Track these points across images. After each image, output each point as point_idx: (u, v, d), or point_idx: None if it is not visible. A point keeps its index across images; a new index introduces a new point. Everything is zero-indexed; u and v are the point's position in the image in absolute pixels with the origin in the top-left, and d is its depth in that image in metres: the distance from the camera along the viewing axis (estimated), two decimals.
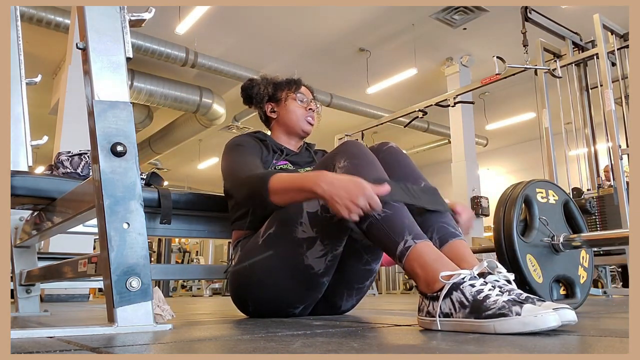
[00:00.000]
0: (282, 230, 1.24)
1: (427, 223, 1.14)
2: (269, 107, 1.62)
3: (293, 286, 1.26)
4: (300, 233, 1.21)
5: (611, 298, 3.03)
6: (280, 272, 1.25)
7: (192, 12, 6.24)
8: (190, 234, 1.75)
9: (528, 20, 3.55)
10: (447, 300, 0.87)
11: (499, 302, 0.81)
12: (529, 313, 0.77)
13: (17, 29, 1.80)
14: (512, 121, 10.00)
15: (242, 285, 1.33)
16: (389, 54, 7.58)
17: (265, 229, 1.28)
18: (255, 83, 1.63)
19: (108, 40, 0.99)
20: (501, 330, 0.78)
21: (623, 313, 1.36)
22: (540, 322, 0.76)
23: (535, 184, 1.52)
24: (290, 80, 1.64)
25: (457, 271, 0.89)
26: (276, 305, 1.31)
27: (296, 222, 1.21)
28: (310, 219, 1.20)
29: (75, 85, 5.23)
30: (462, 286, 0.86)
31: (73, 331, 0.85)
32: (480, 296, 0.84)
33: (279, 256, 1.24)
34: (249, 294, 1.32)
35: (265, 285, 1.27)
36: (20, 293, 1.72)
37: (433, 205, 1.16)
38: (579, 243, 1.47)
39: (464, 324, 0.84)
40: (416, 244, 0.96)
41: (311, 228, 1.20)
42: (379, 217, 1.01)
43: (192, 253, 10.62)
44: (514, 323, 0.77)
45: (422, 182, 1.23)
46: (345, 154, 1.15)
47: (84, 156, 1.60)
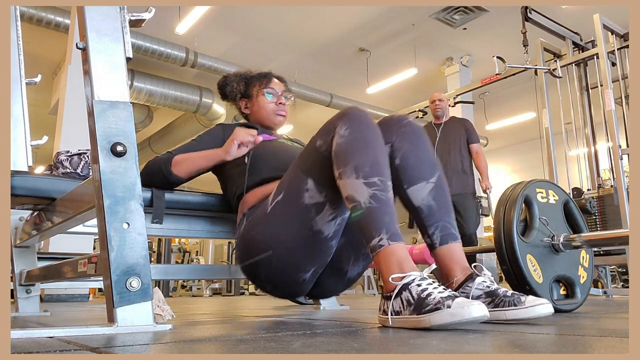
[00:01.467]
0: (289, 197, 1.22)
1: (432, 218, 1.14)
2: (242, 104, 1.71)
3: (303, 251, 1.25)
4: (307, 199, 1.18)
5: (611, 298, 3.03)
6: (290, 238, 1.23)
7: (192, 12, 6.24)
8: (190, 234, 1.75)
9: (528, 20, 3.56)
10: (398, 299, 0.93)
11: (437, 298, 0.87)
12: (457, 305, 0.83)
13: (17, 29, 1.80)
14: (512, 121, 10.00)
15: (253, 253, 1.29)
16: (389, 54, 7.58)
17: (274, 197, 1.26)
18: (228, 80, 1.70)
19: (108, 40, 0.99)
20: (434, 323, 0.84)
21: (623, 313, 1.36)
22: (466, 313, 0.82)
23: (535, 184, 1.52)
24: (260, 74, 1.71)
25: (407, 273, 0.94)
26: (287, 270, 1.28)
27: (302, 189, 1.19)
28: (316, 186, 1.17)
29: (75, 85, 5.23)
30: (410, 286, 0.92)
31: (73, 331, 0.85)
32: (423, 294, 0.89)
33: (288, 223, 1.22)
34: (260, 261, 1.29)
35: (276, 251, 1.25)
36: (20, 293, 1.72)
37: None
38: (579, 243, 1.47)
39: (409, 319, 0.90)
40: (389, 245, 0.98)
41: (319, 193, 1.17)
42: (364, 207, 1.01)
43: (192, 253, 10.62)
44: (444, 315, 0.84)
45: (436, 172, 1.19)
46: (350, 123, 1.10)
47: (84, 156, 1.60)
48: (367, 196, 1.01)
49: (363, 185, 1.02)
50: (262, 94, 1.66)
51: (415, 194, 1.17)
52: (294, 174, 1.22)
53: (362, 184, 1.02)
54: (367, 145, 1.07)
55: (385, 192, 1.03)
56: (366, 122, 1.11)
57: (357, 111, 1.13)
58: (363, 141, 1.08)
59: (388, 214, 1.01)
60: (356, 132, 1.08)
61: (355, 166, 1.04)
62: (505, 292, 1.02)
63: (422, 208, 1.16)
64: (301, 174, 1.20)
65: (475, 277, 1.06)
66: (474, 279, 1.06)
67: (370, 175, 1.03)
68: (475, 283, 1.05)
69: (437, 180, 1.18)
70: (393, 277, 0.94)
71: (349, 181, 1.04)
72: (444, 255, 1.13)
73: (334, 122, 1.14)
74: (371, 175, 1.03)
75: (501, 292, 1.02)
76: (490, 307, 1.01)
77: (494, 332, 0.84)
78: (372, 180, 1.02)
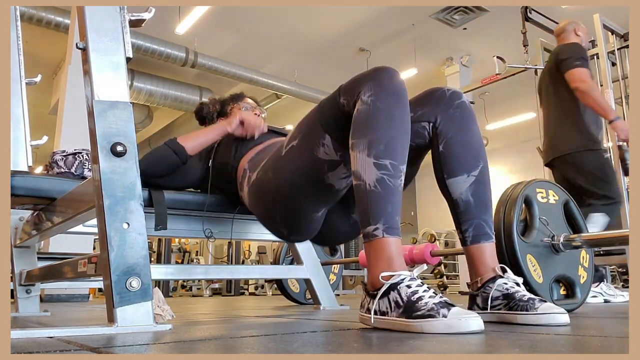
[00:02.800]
0: (304, 145, 1.17)
1: (468, 215, 1.10)
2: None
3: (313, 196, 1.23)
4: (322, 154, 1.14)
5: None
6: (301, 184, 1.21)
7: (192, 12, 6.24)
8: (190, 234, 1.75)
9: (528, 20, 3.56)
10: (385, 299, 0.89)
11: (429, 304, 0.83)
12: (454, 316, 0.81)
13: (17, 29, 1.80)
14: (512, 121, 10.00)
15: (268, 196, 1.29)
16: (389, 54, 7.58)
17: (289, 140, 1.22)
18: (204, 105, 1.86)
19: (108, 40, 0.99)
20: (427, 331, 0.81)
21: (623, 313, 1.36)
22: (464, 325, 0.80)
23: (535, 183, 1.52)
24: (234, 95, 1.85)
25: (397, 272, 0.90)
26: (299, 211, 1.27)
27: (318, 143, 1.14)
28: (334, 144, 1.12)
29: (75, 85, 5.23)
30: (399, 287, 0.88)
31: (73, 331, 0.85)
32: (414, 297, 0.86)
33: (300, 171, 1.20)
34: (274, 203, 1.28)
35: (289, 193, 1.23)
36: (20, 293, 1.72)
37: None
38: (579, 243, 1.47)
39: (396, 322, 0.87)
40: (383, 237, 0.93)
41: (335, 152, 1.13)
42: (368, 190, 0.95)
43: (192, 253, 10.61)
44: (438, 324, 0.81)
45: (479, 164, 1.12)
46: (376, 90, 1.00)
47: (78, 155, 1.60)
48: (374, 179, 0.94)
49: (373, 165, 0.95)
50: (237, 108, 1.77)
51: (455, 186, 1.11)
52: (312, 123, 1.16)
53: (372, 164, 0.95)
54: (388, 119, 0.98)
55: (395, 178, 0.95)
56: (393, 89, 1.00)
57: (386, 75, 1.02)
58: (384, 113, 0.98)
59: (391, 203, 0.94)
60: (379, 100, 0.99)
61: (369, 141, 0.97)
62: (522, 295, 1.00)
63: (459, 202, 1.11)
64: (319, 128, 1.13)
65: (497, 278, 1.05)
66: (495, 280, 1.04)
67: (383, 156, 0.95)
68: (495, 284, 1.03)
69: (480, 173, 1.11)
70: (383, 275, 0.90)
71: (359, 156, 0.97)
72: (472, 254, 1.10)
73: (360, 82, 1.03)
74: (384, 157, 0.95)
75: (518, 296, 1.00)
76: (506, 309, 1.00)
77: (494, 332, 0.84)
78: (384, 162, 0.95)
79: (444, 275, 8.06)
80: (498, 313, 1.03)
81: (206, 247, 10.65)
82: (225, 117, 1.78)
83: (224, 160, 1.57)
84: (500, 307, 1.02)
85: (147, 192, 1.51)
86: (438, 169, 1.13)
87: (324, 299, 2.04)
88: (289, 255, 2.89)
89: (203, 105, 1.86)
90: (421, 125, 1.15)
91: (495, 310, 1.03)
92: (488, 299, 1.04)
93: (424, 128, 1.15)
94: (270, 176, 1.26)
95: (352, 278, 7.33)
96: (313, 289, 2.05)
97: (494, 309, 1.03)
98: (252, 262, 9.91)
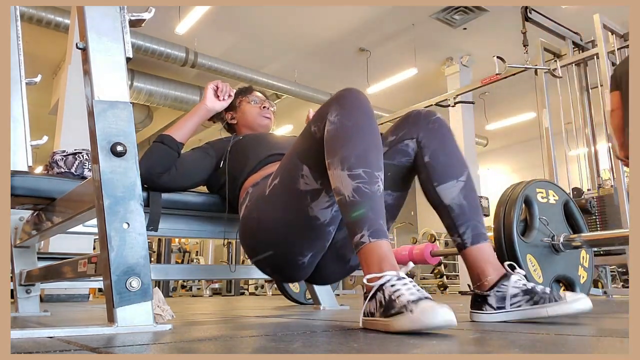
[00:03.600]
0: (285, 182, 1.20)
1: (463, 217, 1.11)
2: (229, 116, 1.80)
3: (300, 235, 1.23)
4: (302, 185, 1.16)
5: (611, 298, 3.03)
6: (286, 221, 1.22)
7: (192, 12, 6.24)
8: (190, 234, 1.75)
9: (528, 20, 3.56)
10: (373, 301, 0.89)
11: (404, 301, 0.81)
12: (420, 310, 0.77)
13: (17, 29, 1.80)
14: (512, 121, 10.00)
15: (251, 234, 1.30)
16: (389, 54, 7.58)
17: (272, 179, 1.24)
18: None
19: (108, 40, 0.99)
20: (397, 328, 0.79)
21: (623, 313, 1.36)
22: (427, 319, 0.76)
23: (535, 184, 1.52)
24: (242, 88, 1.83)
25: (383, 273, 0.89)
26: (285, 253, 1.27)
27: (297, 175, 1.16)
28: (312, 173, 1.14)
29: (75, 85, 5.23)
30: (384, 287, 0.88)
31: (73, 331, 0.85)
32: (394, 295, 0.84)
33: (284, 207, 1.21)
34: (258, 242, 1.29)
35: (273, 234, 1.24)
36: (20, 293, 1.72)
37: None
38: (579, 243, 1.47)
39: (378, 322, 0.86)
40: (370, 242, 0.93)
41: (315, 181, 1.15)
42: (347, 200, 0.97)
43: (192, 253, 10.61)
44: (404, 320, 0.79)
45: (465, 170, 1.15)
46: (340, 109, 1.04)
47: (78, 155, 1.60)
48: (350, 189, 0.97)
49: (347, 177, 0.98)
50: (246, 102, 1.77)
51: (446, 192, 1.14)
52: (289, 159, 1.20)
53: (347, 176, 0.98)
54: (356, 133, 1.01)
55: (371, 184, 0.97)
56: (358, 106, 1.05)
57: (349, 94, 1.06)
58: (352, 129, 1.02)
59: (372, 209, 0.96)
60: (345, 118, 1.03)
61: (341, 157, 1.00)
62: (543, 289, 1.00)
63: (453, 207, 1.13)
64: (296, 160, 1.17)
65: (509, 276, 1.04)
66: (509, 278, 1.04)
67: (355, 166, 0.98)
68: (512, 282, 1.03)
69: (467, 178, 1.15)
70: (368, 277, 0.90)
71: (335, 172, 1.00)
72: (475, 255, 1.10)
73: (326, 106, 1.09)
74: (356, 167, 0.98)
75: (540, 290, 1.00)
76: (529, 304, 1.00)
77: (494, 332, 0.84)
78: (357, 172, 0.98)
79: (444, 275, 8.06)
80: (519, 310, 1.01)
81: (206, 247, 10.66)
82: (234, 111, 1.78)
83: (235, 174, 1.53)
84: (521, 303, 1.01)
85: (147, 193, 1.51)
86: (427, 179, 1.16)
87: (324, 299, 2.04)
88: None
89: None
90: (404, 143, 1.20)
91: (515, 307, 1.02)
92: (505, 297, 1.03)
93: (407, 146, 1.20)
94: (254, 216, 1.27)
95: (352, 278, 7.33)
96: (313, 289, 2.05)
97: (513, 306, 1.02)
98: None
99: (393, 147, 1.21)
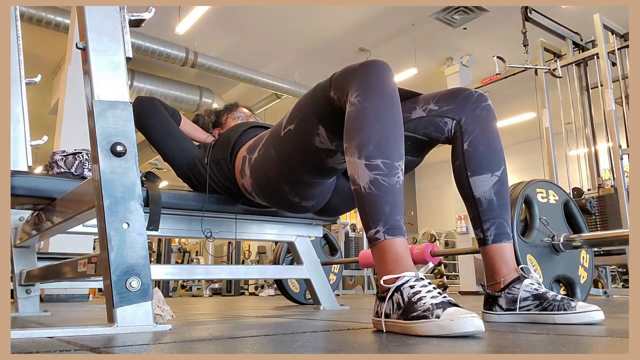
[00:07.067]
0: (299, 132, 1.19)
1: (490, 213, 1.09)
2: (216, 132, 1.86)
3: (316, 171, 1.28)
4: (318, 143, 1.16)
5: (611, 298, 3.03)
6: (302, 161, 1.24)
7: (192, 12, 6.24)
8: (190, 234, 1.75)
9: (528, 20, 3.56)
10: (390, 302, 0.87)
11: (426, 304, 0.80)
12: (447, 317, 0.76)
13: (17, 29, 1.80)
14: (512, 121, 10.00)
15: (271, 166, 1.32)
16: (389, 54, 7.57)
17: (286, 123, 1.23)
18: (200, 116, 1.92)
19: (108, 40, 0.99)
20: (421, 333, 0.78)
21: (623, 313, 1.36)
22: (456, 326, 0.75)
23: (535, 184, 1.52)
24: (228, 105, 1.91)
25: (401, 274, 0.87)
26: (303, 178, 1.32)
27: (313, 132, 1.15)
28: (328, 135, 1.13)
29: (75, 85, 5.23)
30: (403, 288, 0.85)
31: (73, 331, 0.85)
32: (414, 298, 0.83)
33: (300, 153, 1.22)
34: (280, 172, 1.31)
35: (292, 166, 1.27)
36: (20, 293, 1.72)
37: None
38: (579, 243, 1.47)
39: (396, 324, 0.84)
40: (385, 239, 0.90)
41: (330, 142, 1.14)
42: (364, 191, 0.93)
43: (192, 253, 10.61)
44: (431, 326, 0.77)
45: (502, 165, 1.11)
46: (363, 89, 0.98)
47: (78, 155, 1.60)
48: (367, 180, 0.92)
49: (364, 167, 0.93)
50: (232, 118, 1.83)
51: (479, 184, 1.09)
52: (307, 111, 1.16)
53: (364, 166, 0.93)
54: (376, 118, 0.95)
55: (389, 177, 0.92)
56: (380, 86, 0.97)
57: (372, 70, 0.99)
58: (372, 113, 0.95)
59: (389, 203, 0.91)
60: (367, 100, 0.96)
61: (359, 143, 0.95)
62: (554, 295, 0.99)
63: (482, 201, 1.09)
64: (314, 117, 1.12)
65: (522, 279, 1.04)
66: (521, 281, 1.03)
67: (374, 156, 0.93)
68: (523, 285, 1.02)
69: (502, 174, 1.11)
70: (385, 279, 0.88)
71: (352, 160, 0.95)
72: (494, 253, 1.08)
73: (349, 79, 1.02)
74: (374, 157, 0.93)
75: (550, 296, 0.99)
76: (538, 310, 0.99)
77: (495, 332, 0.84)
78: (375, 162, 0.92)
79: (444, 275, 8.06)
80: (528, 314, 1.01)
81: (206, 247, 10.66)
82: (220, 128, 1.85)
83: (221, 156, 1.56)
84: (530, 307, 1.01)
85: (147, 193, 1.51)
86: (461, 167, 1.11)
87: (324, 299, 2.04)
88: (289, 255, 2.89)
89: (198, 116, 1.90)
90: (443, 120, 1.14)
91: (525, 311, 1.02)
92: (515, 300, 1.03)
93: (445, 124, 1.14)
94: (272, 152, 1.30)
95: (352, 278, 7.33)
96: (313, 289, 2.05)
97: (522, 309, 1.02)
98: (252, 262, 9.91)
99: (431, 116, 1.15)
